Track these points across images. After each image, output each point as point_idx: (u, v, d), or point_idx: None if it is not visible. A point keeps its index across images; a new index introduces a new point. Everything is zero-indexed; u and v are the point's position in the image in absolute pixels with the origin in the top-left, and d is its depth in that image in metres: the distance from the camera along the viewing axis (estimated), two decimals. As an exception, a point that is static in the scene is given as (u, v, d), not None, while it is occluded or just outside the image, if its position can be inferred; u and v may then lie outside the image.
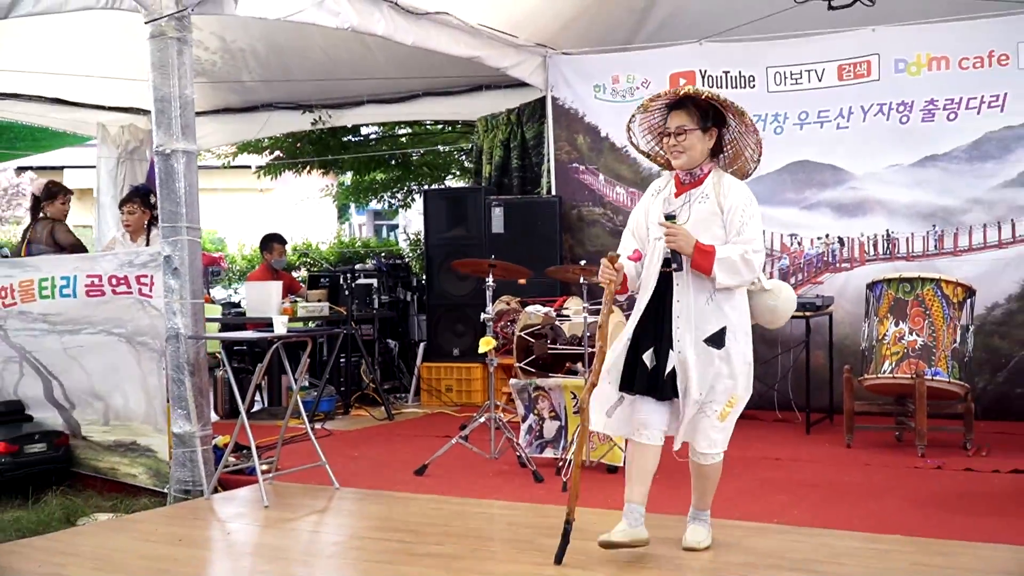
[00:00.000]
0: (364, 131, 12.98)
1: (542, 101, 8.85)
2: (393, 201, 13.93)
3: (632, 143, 4.21)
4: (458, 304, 8.77)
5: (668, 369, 3.93)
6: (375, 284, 9.31)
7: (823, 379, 7.24)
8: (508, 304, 7.27)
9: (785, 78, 7.69)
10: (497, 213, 8.55)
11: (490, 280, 5.87)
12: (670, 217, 3.95)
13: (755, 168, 4.11)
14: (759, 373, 7.46)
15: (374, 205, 15.95)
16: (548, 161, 8.78)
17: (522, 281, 6.25)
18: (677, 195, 4.04)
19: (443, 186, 12.94)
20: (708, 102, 3.99)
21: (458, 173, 13.34)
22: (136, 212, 7.10)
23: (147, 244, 6.92)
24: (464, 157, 12.81)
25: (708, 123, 3.99)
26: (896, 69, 7.37)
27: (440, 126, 12.92)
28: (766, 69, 7.73)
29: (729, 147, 4.12)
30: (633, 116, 4.13)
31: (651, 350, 3.97)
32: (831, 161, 7.62)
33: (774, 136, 7.72)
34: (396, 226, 21.68)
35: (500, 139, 9.39)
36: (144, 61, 5.50)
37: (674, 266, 3.92)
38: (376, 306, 9.12)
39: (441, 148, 12.84)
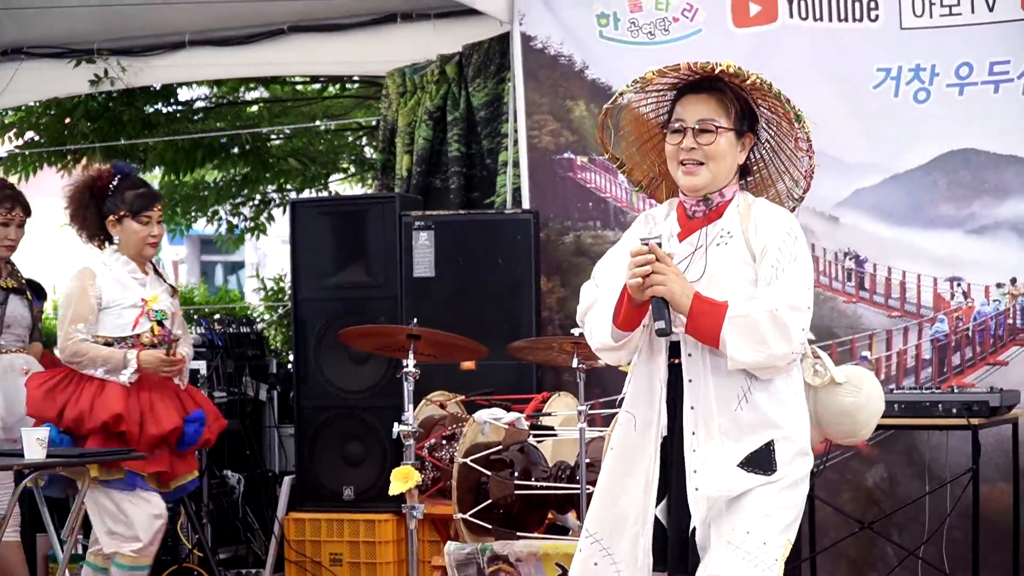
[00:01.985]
0: (184, 96, 12.99)
1: (503, 41, 8.91)
2: (235, 220, 13.93)
3: (603, 144, 4.40)
4: (352, 407, 8.73)
5: (692, 525, 4.13)
6: (203, 371, 9.25)
7: (1004, 534, 7.27)
8: (443, 407, 7.24)
9: (931, 4, 7.77)
10: (423, 241, 8.53)
11: (410, 363, 5.85)
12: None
13: (795, 207, 4.31)
14: (890, 527, 7.58)
15: (201, 227, 15.91)
16: (515, 145, 8.80)
17: (469, 365, 6.24)
18: (683, 237, 4.26)
19: (326, 193, 12.95)
20: (752, 93, 4.17)
21: (352, 170, 13.36)
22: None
23: None
24: (363, 141, 12.83)
25: (745, 124, 4.22)
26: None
27: (320, 85, 12.95)
28: (899, -11, 7.84)
29: (757, 168, 4.32)
30: (620, 96, 4.33)
31: (664, 498, 4.20)
32: (1015, 151, 7.69)
33: (914, 105, 7.76)
34: (241, 265, 21.68)
35: (428, 109, 9.41)
36: None
37: (659, 325, 4.07)
38: (205, 410, 9.07)
39: (322, 125, 12.87)
